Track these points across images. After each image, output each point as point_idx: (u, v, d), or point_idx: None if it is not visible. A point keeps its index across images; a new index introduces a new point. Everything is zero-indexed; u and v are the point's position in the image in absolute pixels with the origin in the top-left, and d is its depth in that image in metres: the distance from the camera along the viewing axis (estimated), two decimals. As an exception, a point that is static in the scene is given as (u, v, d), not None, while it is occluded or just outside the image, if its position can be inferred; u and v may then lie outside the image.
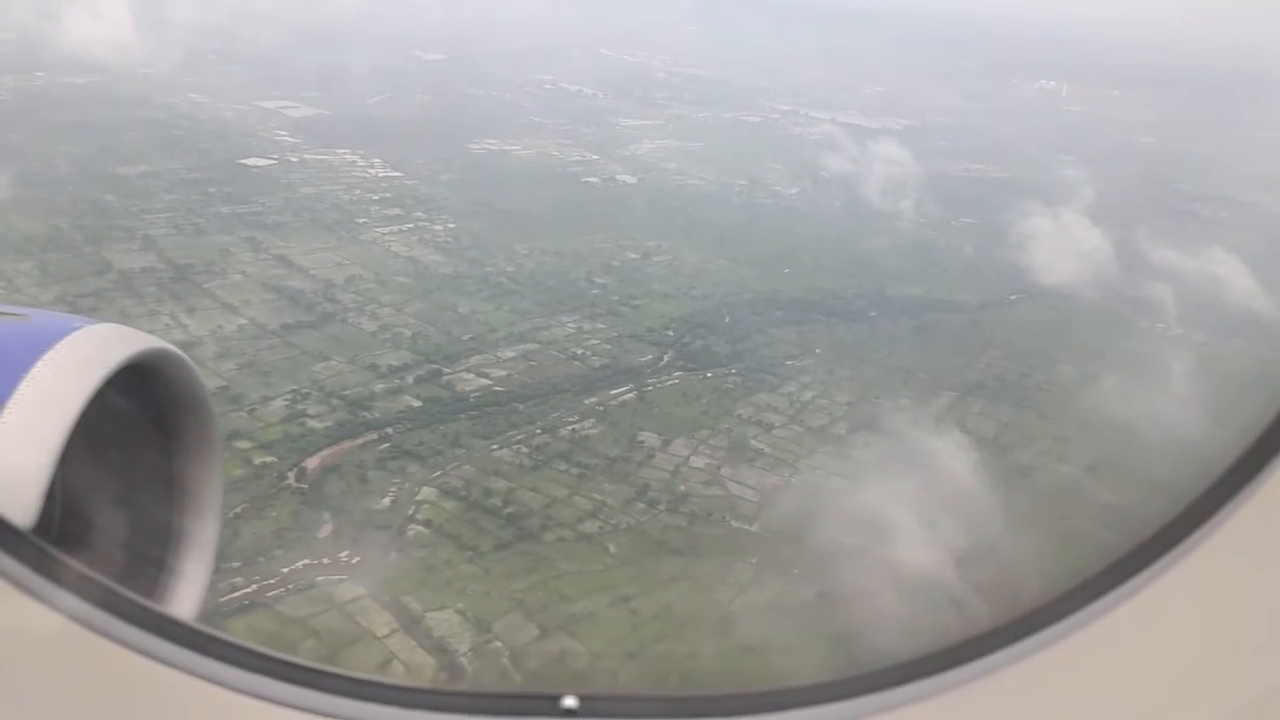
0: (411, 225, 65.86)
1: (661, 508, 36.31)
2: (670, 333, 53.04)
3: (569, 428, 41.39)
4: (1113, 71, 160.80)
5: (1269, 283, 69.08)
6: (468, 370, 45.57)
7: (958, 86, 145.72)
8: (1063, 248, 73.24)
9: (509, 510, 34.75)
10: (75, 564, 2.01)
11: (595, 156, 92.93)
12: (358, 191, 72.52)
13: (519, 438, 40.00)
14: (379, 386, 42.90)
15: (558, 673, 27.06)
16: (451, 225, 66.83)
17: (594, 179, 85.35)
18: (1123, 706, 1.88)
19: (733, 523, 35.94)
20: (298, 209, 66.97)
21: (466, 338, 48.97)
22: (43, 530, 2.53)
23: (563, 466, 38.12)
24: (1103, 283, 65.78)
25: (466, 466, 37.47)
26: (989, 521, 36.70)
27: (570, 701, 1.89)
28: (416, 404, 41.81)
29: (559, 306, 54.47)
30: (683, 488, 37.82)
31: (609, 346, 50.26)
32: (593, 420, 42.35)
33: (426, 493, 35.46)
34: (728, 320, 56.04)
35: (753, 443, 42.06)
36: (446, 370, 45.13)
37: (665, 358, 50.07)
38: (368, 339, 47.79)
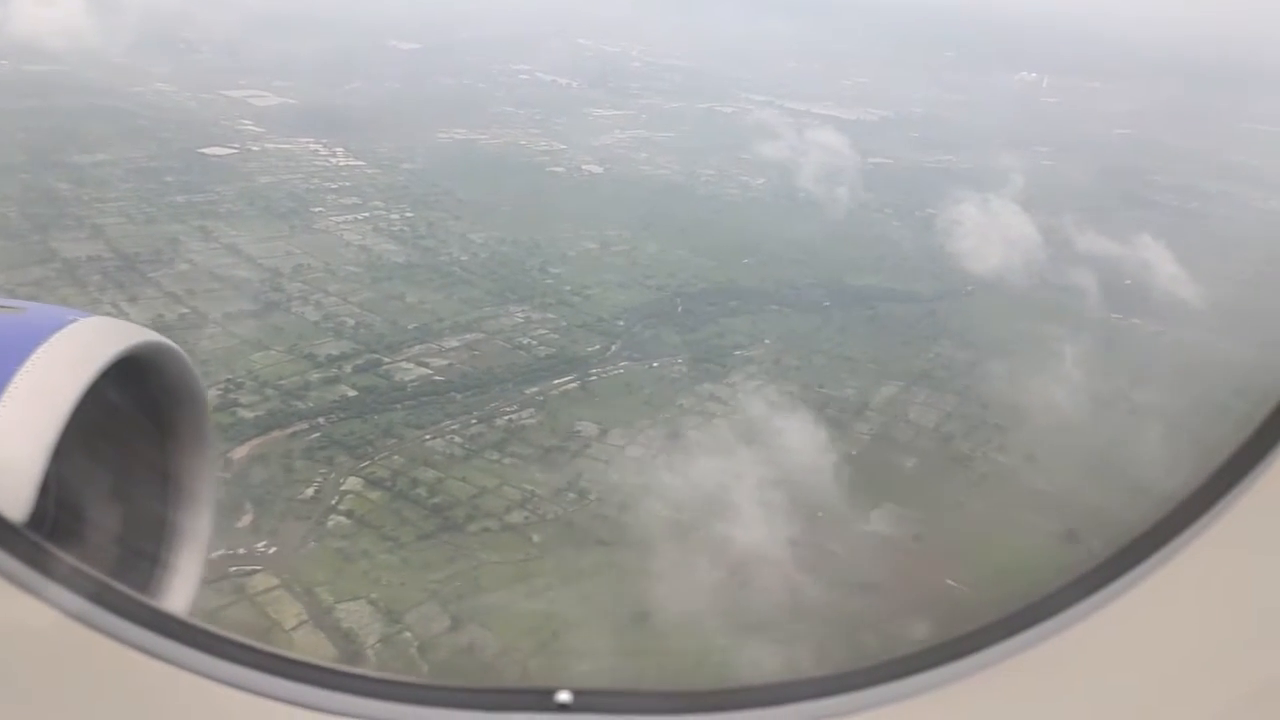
0: (367, 214, 65.39)
1: (592, 497, 36.11)
2: (620, 323, 52.79)
3: (506, 417, 41.14)
4: (1097, 64, 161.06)
5: (1222, 272, 69.26)
6: (408, 360, 45.25)
7: (938, 78, 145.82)
8: (1021, 239, 73.16)
9: (435, 500, 34.49)
10: (69, 558, 2.00)
11: (563, 146, 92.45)
12: (316, 180, 71.98)
13: (454, 427, 39.73)
14: (315, 376, 42.52)
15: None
16: (409, 214, 66.39)
17: (559, 169, 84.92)
18: (1121, 700, 1.87)
19: (662, 512, 35.73)
20: (253, 198, 66.41)
21: (411, 327, 48.64)
22: (37, 524, 2.51)
23: (495, 456, 37.88)
24: (1059, 273, 65.72)
25: (396, 457, 37.17)
26: (915, 510, 36.65)
27: (564, 696, 1.88)
28: (352, 393, 41.48)
29: (509, 296, 54.16)
30: (616, 477, 37.60)
31: (556, 336, 49.99)
32: (532, 410, 42.10)
33: (352, 483, 35.15)
34: (680, 310, 55.85)
35: (691, 433, 41.85)
36: (386, 360, 44.82)
37: (613, 348, 49.84)
38: (309, 328, 47.41)
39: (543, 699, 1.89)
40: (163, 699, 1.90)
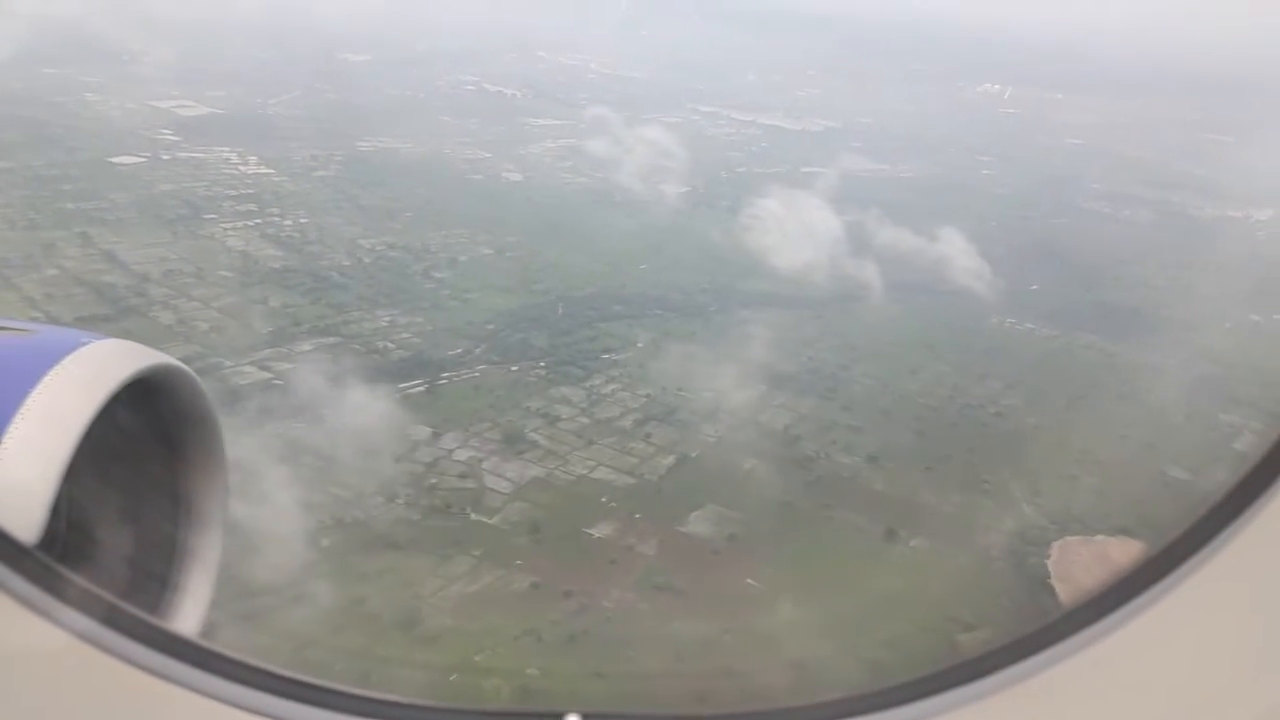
0: (259, 220, 64.68)
1: (400, 501, 35.21)
2: (491, 326, 52.04)
3: (337, 420, 40.22)
4: (1069, 77, 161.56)
5: (1129, 277, 68.97)
6: (252, 364, 44.40)
7: (899, 89, 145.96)
8: (937, 245, 72.55)
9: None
10: (80, 580, 1.99)
11: (488, 155, 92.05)
12: (218, 188, 71.26)
13: (276, 432, 38.78)
14: (148, 380, 41.51)
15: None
16: (303, 220, 65.67)
17: (478, 176, 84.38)
18: None
19: (472, 515, 34.88)
20: (146, 205, 65.68)
21: (266, 331, 47.84)
22: (47, 546, 2.50)
23: (308, 460, 36.92)
24: (955, 279, 65.16)
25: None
26: (738, 511, 35.83)
27: (574, 719, 1.85)
28: (179, 397, 40.47)
29: (381, 300, 53.40)
30: (434, 481, 36.75)
31: (418, 340, 49.20)
32: (366, 414, 41.19)
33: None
34: (560, 313, 55.07)
35: (530, 435, 41.01)
36: (228, 364, 43.92)
37: (476, 351, 49.02)
38: (160, 332, 46.48)
39: None
40: None
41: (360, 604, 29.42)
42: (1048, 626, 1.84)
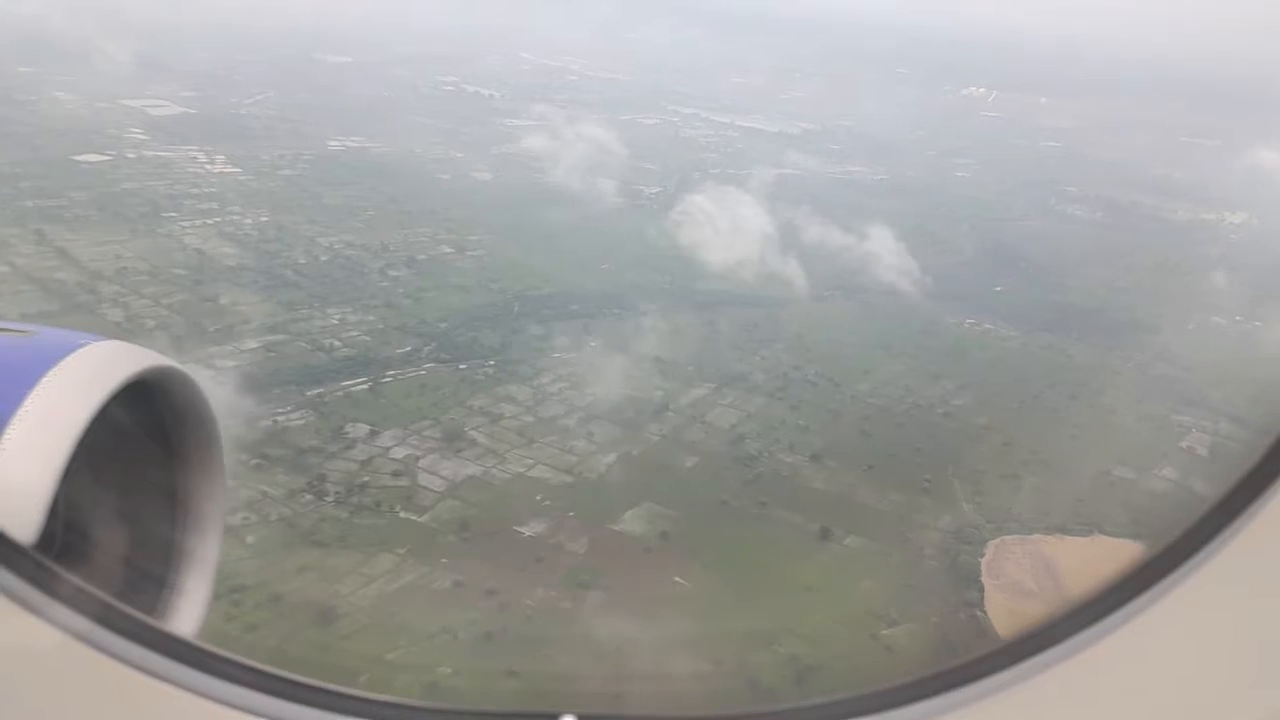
0: (219, 219, 64.23)
1: (329, 499, 34.85)
2: (444, 325, 51.69)
3: (273, 419, 39.84)
4: (1050, 80, 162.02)
5: (1091, 278, 68.95)
6: (196, 361, 43.90)
7: (884, 93, 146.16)
8: (902, 247, 72.38)
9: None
10: (75, 580, 2.00)
11: (460, 154, 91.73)
12: (181, 186, 70.81)
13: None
14: (86, 377, 41.16)
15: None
16: (263, 219, 65.25)
17: (446, 176, 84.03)
18: None
19: (401, 513, 34.52)
20: (106, 203, 65.20)
21: (213, 329, 47.47)
22: (45, 547, 2.49)
23: (242, 458, 36.48)
24: (929, 279, 64.97)
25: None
26: (674, 509, 35.56)
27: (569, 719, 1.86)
28: (116, 395, 40.12)
29: (334, 298, 53.00)
30: (366, 479, 36.39)
31: (367, 339, 48.83)
32: (305, 411, 40.83)
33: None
34: (516, 313, 54.77)
35: (471, 433, 40.69)
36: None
37: (425, 349, 48.68)
38: (106, 330, 45.92)
39: None
40: None
41: (276, 601, 29.05)
42: (1046, 628, 1.82)
